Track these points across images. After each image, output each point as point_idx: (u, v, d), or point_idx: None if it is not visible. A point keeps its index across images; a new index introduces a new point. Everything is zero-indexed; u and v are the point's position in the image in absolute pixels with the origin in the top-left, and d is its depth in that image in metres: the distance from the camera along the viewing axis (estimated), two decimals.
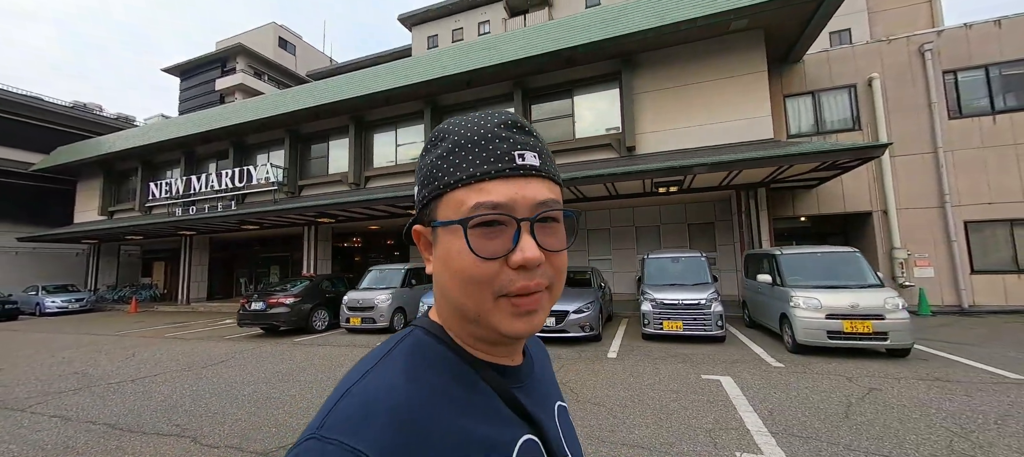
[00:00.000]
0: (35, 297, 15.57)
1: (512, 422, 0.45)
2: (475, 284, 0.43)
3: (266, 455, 3.18)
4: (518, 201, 0.43)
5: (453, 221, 0.43)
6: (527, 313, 0.44)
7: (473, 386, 0.45)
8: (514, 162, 0.45)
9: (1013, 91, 9.23)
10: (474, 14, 26.09)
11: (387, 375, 0.41)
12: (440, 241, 0.45)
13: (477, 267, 0.42)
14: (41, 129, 21.08)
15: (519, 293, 0.43)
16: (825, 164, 8.08)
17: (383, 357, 0.44)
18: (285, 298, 8.64)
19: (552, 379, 0.61)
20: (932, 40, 9.71)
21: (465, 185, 0.44)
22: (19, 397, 4.92)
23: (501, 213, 0.43)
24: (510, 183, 0.44)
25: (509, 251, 0.42)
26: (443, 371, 0.44)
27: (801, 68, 10.68)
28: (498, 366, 0.49)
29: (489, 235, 0.43)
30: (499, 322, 0.43)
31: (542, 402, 0.52)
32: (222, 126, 15.16)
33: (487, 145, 0.45)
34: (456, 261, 0.43)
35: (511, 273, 0.42)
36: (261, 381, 5.28)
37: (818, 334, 5.43)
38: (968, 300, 9.08)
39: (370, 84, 12.74)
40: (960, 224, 9.30)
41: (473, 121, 0.47)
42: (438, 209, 0.46)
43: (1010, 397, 3.83)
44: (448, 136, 0.47)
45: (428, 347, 0.46)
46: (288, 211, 12.54)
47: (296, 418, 3.94)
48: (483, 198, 0.43)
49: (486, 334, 0.46)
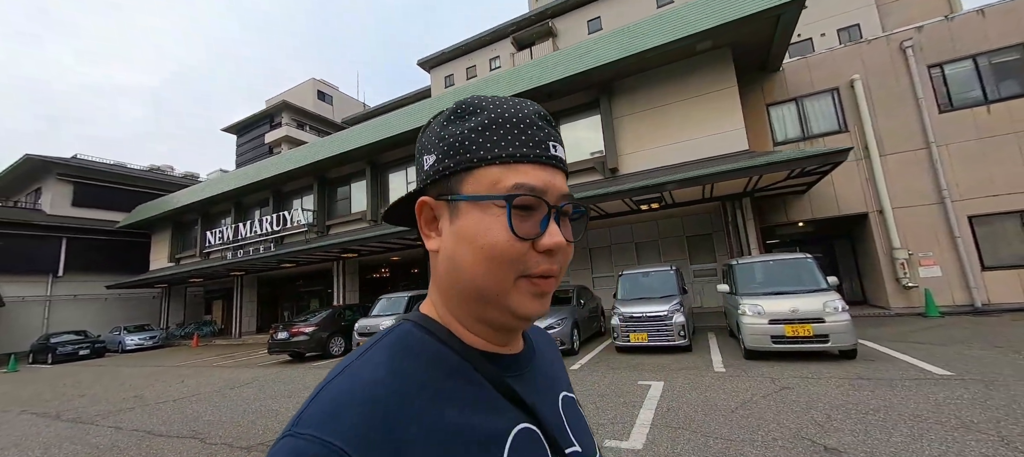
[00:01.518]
0: (118, 336, 18.16)
1: (507, 411, 0.44)
2: (503, 262, 0.43)
3: (248, 449, 4.09)
4: (550, 189, 0.45)
5: (493, 196, 0.43)
6: (542, 294, 0.45)
7: (463, 375, 0.44)
8: (549, 151, 0.46)
9: (1007, 78, 8.91)
10: (485, 52, 27.80)
11: (365, 369, 0.40)
12: (464, 217, 0.44)
13: (511, 245, 0.42)
14: (124, 192, 24.77)
15: (542, 275, 0.44)
16: (795, 171, 8.23)
17: (364, 352, 0.43)
18: (305, 328, 9.86)
19: (558, 370, 0.59)
20: (912, 36, 9.61)
21: (503, 163, 0.44)
22: (90, 414, 6.26)
23: (538, 197, 0.44)
24: (544, 170, 0.45)
25: (538, 235, 0.44)
26: (428, 362, 0.43)
27: (781, 76, 10.84)
28: (493, 355, 0.48)
29: (523, 217, 0.44)
30: (517, 302, 0.44)
31: (544, 391, 0.51)
32: (262, 178, 17.31)
33: (526, 129, 0.46)
34: (485, 237, 0.43)
35: (537, 256, 0.43)
36: (269, 398, 6.32)
37: (763, 339, 5.68)
38: (981, 298, 8.61)
39: (380, 131, 14.23)
40: (963, 219, 8.92)
41: (510, 103, 0.48)
42: (464, 182, 0.45)
43: (911, 391, 4.01)
44: (482, 110, 0.47)
45: (413, 339, 0.45)
46: (316, 249, 14.09)
47: (276, 421, 4.86)
48: (523, 180, 0.44)
49: (497, 316, 0.46)
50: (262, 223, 16.95)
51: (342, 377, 0.40)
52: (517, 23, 26.07)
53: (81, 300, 21.62)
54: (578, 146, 11.68)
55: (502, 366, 0.48)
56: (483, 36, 27.44)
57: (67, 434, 5.22)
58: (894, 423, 3.28)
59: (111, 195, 24.22)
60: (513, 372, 0.48)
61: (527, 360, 0.52)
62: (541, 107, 0.49)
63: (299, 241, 16.40)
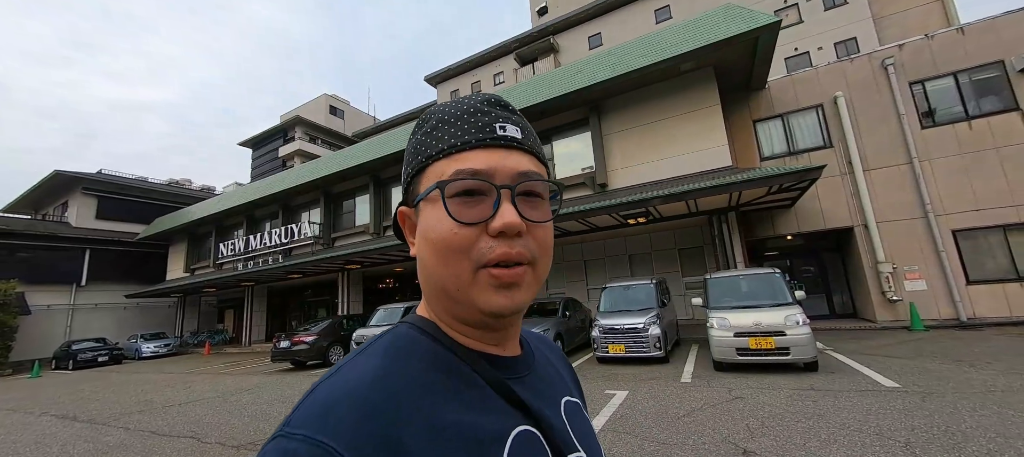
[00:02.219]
0: (134, 344, 18.99)
1: (506, 412, 0.43)
2: (453, 253, 0.42)
3: (238, 448, 4.51)
4: (498, 169, 0.43)
5: (432, 188, 0.43)
6: (507, 286, 0.42)
7: (460, 376, 0.43)
8: (495, 133, 0.45)
9: (987, 95, 9.04)
10: (489, 68, 28.54)
11: (359, 368, 0.40)
12: (421, 216, 0.45)
13: (455, 234, 0.41)
14: (145, 205, 25.95)
15: (499, 261, 0.41)
16: (774, 188, 8.46)
17: (358, 353, 0.43)
18: (306, 337, 10.35)
19: (561, 375, 0.58)
20: (893, 54, 9.82)
21: (446, 156, 0.44)
22: (103, 416, 6.78)
23: (480, 180, 0.42)
24: (491, 152, 0.44)
25: (489, 218, 0.42)
26: (423, 362, 0.42)
27: (767, 93, 11.10)
28: (490, 356, 0.47)
29: (469, 203, 0.42)
30: (478, 296, 0.42)
31: (545, 395, 0.50)
32: (272, 192, 18.08)
33: (469, 118, 0.45)
34: (434, 230, 0.42)
35: (490, 241, 0.42)
36: (266, 403, 6.77)
37: (729, 352, 5.92)
38: (966, 312, 8.66)
39: (381, 148, 14.84)
40: (947, 233, 9.01)
41: (457, 101, 0.48)
42: (420, 183, 0.46)
43: (850, 402, 4.24)
44: (433, 116, 0.48)
45: (409, 339, 0.45)
46: (321, 261, 14.66)
47: (268, 424, 5.28)
48: (462, 166, 0.43)
49: (467, 314, 0.45)
50: (271, 235, 17.66)
51: (335, 377, 0.39)
52: (520, 40, 26.76)
53: (102, 309, 22.61)
54: (570, 161, 12.07)
55: (501, 368, 0.47)
56: (487, 53, 28.19)
57: (82, 434, 5.72)
58: (817, 430, 3.54)
59: (132, 208, 25.40)
60: (512, 374, 0.47)
61: (526, 364, 0.51)
62: (494, 95, 0.49)
63: (306, 253, 17.04)
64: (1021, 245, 8.53)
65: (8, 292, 17.14)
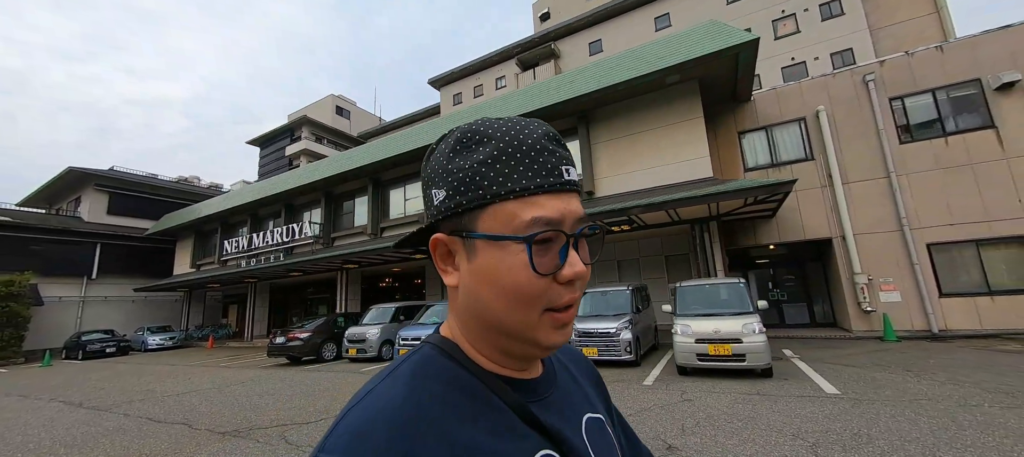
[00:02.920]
0: (141, 336, 19.63)
1: (526, 436, 0.44)
2: (527, 300, 0.43)
3: (224, 434, 4.93)
4: (567, 217, 0.44)
5: (513, 237, 0.43)
6: (565, 325, 0.45)
7: (483, 400, 0.44)
8: (562, 177, 0.45)
9: (963, 112, 9.24)
10: (491, 72, 28.95)
11: (389, 390, 0.42)
12: (482, 255, 0.44)
13: (533, 284, 0.42)
14: (154, 201, 26.73)
15: (565, 306, 0.44)
16: (750, 200, 8.74)
17: (389, 374, 0.45)
18: (300, 334, 10.81)
19: (584, 391, 0.58)
20: (874, 70, 10.04)
21: (518, 198, 0.43)
22: (107, 403, 7.26)
23: (556, 229, 0.43)
24: (560, 198, 0.44)
25: (559, 267, 0.43)
26: (449, 386, 0.44)
27: (752, 105, 11.36)
28: (512, 380, 0.48)
29: (543, 251, 0.43)
30: (541, 336, 0.44)
31: (567, 415, 0.50)
32: (276, 192, 18.63)
33: (537, 157, 0.45)
34: (508, 277, 0.43)
35: (559, 288, 0.43)
36: (257, 395, 7.20)
37: (691, 357, 6.24)
38: (938, 324, 8.86)
39: (380, 152, 15.29)
40: (922, 247, 9.22)
41: (518, 127, 0.46)
42: (480, 220, 0.44)
43: (786, 406, 4.54)
44: (490, 139, 0.45)
45: (436, 362, 0.46)
46: (320, 260, 15.15)
47: (256, 414, 5.70)
48: (540, 214, 0.43)
49: (519, 348, 0.46)
50: (274, 234, 18.21)
51: (367, 400, 0.41)
52: (522, 45, 27.14)
53: (111, 301, 23.35)
54: None
55: (523, 391, 0.48)
56: (489, 57, 28.61)
57: (85, 418, 6.20)
58: (743, 431, 3.86)
59: (142, 204, 26.18)
60: (534, 397, 0.48)
61: (548, 384, 0.52)
62: (550, 127, 0.49)
63: (306, 252, 17.55)
64: (993, 260, 8.72)
65: (22, 283, 17.86)
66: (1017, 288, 8.46)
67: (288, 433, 4.76)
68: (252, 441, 4.55)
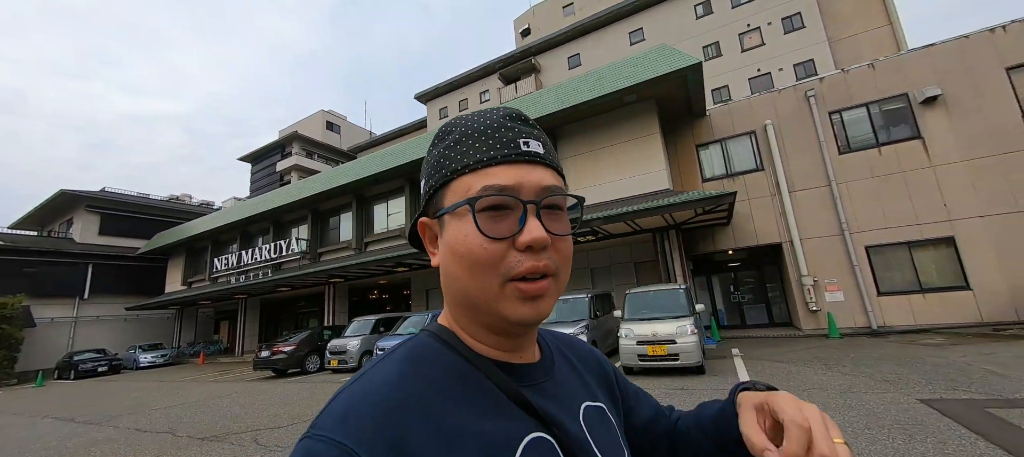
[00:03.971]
0: (133, 354, 19.99)
1: (519, 419, 0.44)
2: (482, 267, 0.43)
3: (203, 439, 5.48)
4: (524, 184, 0.45)
5: (460, 203, 0.45)
6: (533, 298, 0.44)
7: (474, 383, 0.45)
8: (519, 148, 0.46)
9: (894, 124, 10.02)
10: (476, 86, 29.77)
11: (380, 374, 0.42)
12: (447, 228, 0.46)
13: (484, 248, 0.43)
14: (145, 221, 27.14)
15: (527, 274, 0.43)
16: (700, 210, 9.44)
17: (383, 359, 0.46)
18: (284, 347, 11.33)
19: (583, 379, 0.57)
20: (814, 87, 10.83)
21: (472, 171, 0.46)
22: (98, 417, 7.76)
23: (508, 195, 0.44)
24: (516, 168, 0.45)
25: (516, 233, 0.44)
26: (441, 370, 0.45)
27: (708, 120, 12.12)
28: (506, 364, 0.48)
29: (496, 218, 0.44)
30: (505, 308, 0.44)
31: (564, 402, 0.50)
32: (264, 210, 19.17)
33: (493, 134, 0.47)
34: (463, 244, 0.44)
35: (518, 255, 0.43)
36: (239, 406, 7.73)
37: (633, 358, 6.86)
38: (877, 321, 9.55)
39: (363, 170, 15.92)
40: (861, 250, 9.94)
41: (479, 114, 0.49)
42: (445, 197, 0.47)
43: (693, 398, 5.15)
44: (455, 128, 0.49)
45: (428, 348, 0.47)
46: (306, 275, 15.69)
47: (234, 422, 6.25)
48: (490, 181, 0.44)
49: (493, 322, 0.47)
50: (262, 250, 18.73)
51: (358, 383, 0.42)
52: (504, 60, 27.99)
53: (103, 321, 23.65)
54: None
55: (516, 376, 0.48)
56: (473, 72, 29.44)
57: (77, 431, 6.71)
58: None
59: (134, 224, 26.58)
60: (527, 381, 0.49)
61: (544, 370, 0.52)
62: (513, 109, 0.50)
63: (294, 267, 18.07)
64: (923, 260, 9.45)
65: (15, 306, 18.22)
66: (944, 286, 9.18)
67: (260, 436, 5.32)
68: (227, 444, 5.11)
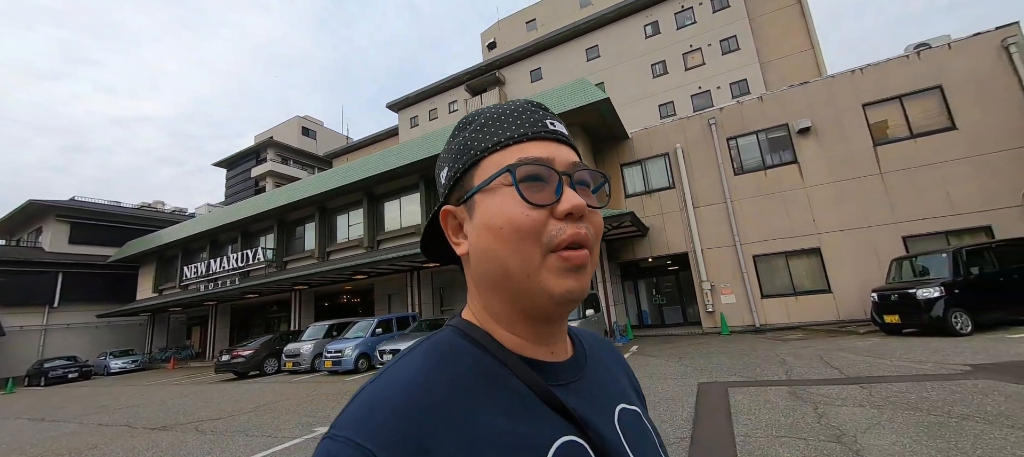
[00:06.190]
0: (104, 361, 20.59)
1: (550, 421, 0.41)
2: (524, 236, 0.42)
3: (155, 430, 6.60)
4: (557, 158, 0.45)
5: (497, 173, 0.44)
6: (577, 268, 0.43)
7: (502, 382, 0.42)
8: (547, 127, 0.47)
9: (776, 151, 11.64)
10: (445, 97, 30.93)
11: (401, 372, 0.41)
12: (479, 207, 0.45)
13: (527, 215, 0.42)
14: (116, 229, 27.51)
15: (570, 243, 0.42)
16: (612, 225, 10.86)
17: (404, 356, 0.44)
18: (243, 352, 12.38)
19: (617, 381, 0.55)
20: (715, 115, 12.40)
21: (504, 147, 0.45)
22: (66, 417, 8.76)
23: (544, 166, 0.44)
24: (545, 144, 0.46)
25: (554, 202, 0.43)
26: (465, 366, 0.42)
27: (631, 143, 13.59)
28: (536, 362, 0.46)
29: (534, 188, 0.43)
30: (548, 281, 0.42)
31: (598, 403, 0.48)
32: (233, 220, 20.04)
33: (520, 115, 0.48)
34: (502, 214, 0.43)
35: (559, 223, 0.43)
36: (191, 404, 8.82)
37: None
38: (760, 320, 11.14)
39: (325, 183, 16.99)
40: (749, 258, 11.52)
41: (500, 105, 0.50)
42: (475, 176, 0.46)
43: None
44: (479, 115, 0.49)
45: (452, 343, 0.45)
46: (270, 283, 16.68)
47: (184, 416, 7.37)
48: (525, 154, 0.44)
49: (531, 301, 0.44)
50: (230, 259, 19.57)
51: (379, 381, 0.41)
52: (470, 72, 29.22)
53: (74, 328, 24.08)
54: None
55: (547, 374, 0.46)
56: (442, 83, 30.59)
57: (47, 428, 7.73)
58: None
59: (104, 232, 26.95)
60: (559, 381, 0.46)
61: (577, 368, 0.49)
62: (532, 99, 0.52)
63: (260, 275, 19.00)
64: (797, 267, 11.07)
65: None
66: (813, 289, 10.81)
67: (201, 426, 6.48)
68: (172, 432, 6.26)
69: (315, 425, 5.74)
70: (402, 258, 13.06)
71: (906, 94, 10.39)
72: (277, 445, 4.93)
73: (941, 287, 7.15)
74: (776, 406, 4.34)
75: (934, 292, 7.18)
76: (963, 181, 9.66)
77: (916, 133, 10.23)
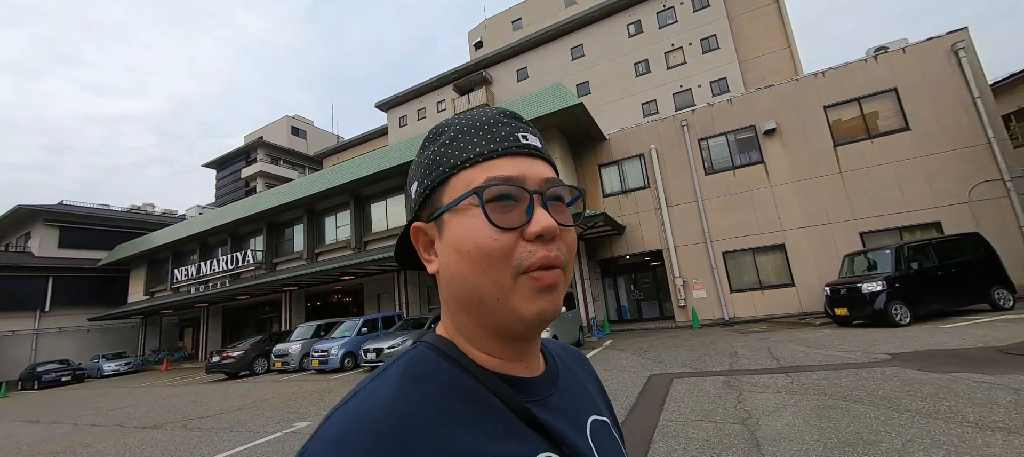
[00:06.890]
0: (96, 363, 20.82)
1: (526, 438, 0.41)
2: (493, 260, 0.41)
3: (145, 428, 6.99)
4: (528, 175, 0.44)
5: (465, 195, 0.43)
6: (548, 289, 0.42)
7: (479, 400, 0.42)
8: (519, 141, 0.46)
9: (744, 151, 12.13)
10: (433, 96, 31.16)
11: (375, 393, 0.40)
12: (448, 227, 0.44)
13: (494, 240, 0.41)
14: (106, 232, 27.59)
15: (540, 265, 0.41)
16: (589, 226, 11.31)
17: (378, 375, 0.43)
18: (233, 353, 12.74)
19: (587, 391, 0.55)
20: (687, 117, 12.85)
21: (473, 164, 0.44)
22: (60, 418, 9.11)
23: (514, 185, 0.43)
24: (518, 160, 0.45)
25: (524, 224, 0.42)
26: (440, 386, 0.42)
27: (608, 144, 14.03)
28: (511, 378, 0.46)
29: (503, 209, 0.42)
30: (520, 303, 0.42)
31: (571, 417, 0.48)
32: (223, 223, 20.27)
33: (491, 128, 0.46)
34: (469, 238, 0.42)
35: (529, 245, 0.42)
36: (182, 404, 9.20)
37: None
38: (729, 313, 11.67)
39: (313, 186, 17.28)
40: (719, 255, 12.03)
41: (473, 113, 0.48)
42: (443, 195, 0.45)
43: None
44: (449, 127, 0.48)
45: (426, 362, 0.44)
46: (260, 285, 17.00)
47: (173, 415, 7.76)
48: (494, 172, 0.43)
49: (504, 325, 0.43)
50: (220, 262, 19.85)
51: (352, 403, 0.39)
52: (458, 72, 29.46)
53: (66, 332, 24.23)
54: None
55: (521, 389, 0.45)
56: (430, 83, 30.80)
57: (42, 429, 8.09)
58: None
59: (94, 236, 27.02)
60: (534, 396, 0.46)
61: (550, 382, 0.49)
62: (507, 108, 0.50)
63: (250, 277, 19.30)
64: (763, 263, 11.60)
65: None
66: (777, 284, 11.35)
67: (189, 424, 6.88)
68: (162, 430, 6.66)
69: (296, 421, 6.16)
70: (389, 259, 13.44)
71: (864, 96, 10.90)
72: (258, 439, 5.35)
73: (883, 281, 7.69)
74: (706, 394, 4.82)
75: (877, 286, 7.72)
76: (915, 179, 10.20)
77: (873, 134, 10.75)
